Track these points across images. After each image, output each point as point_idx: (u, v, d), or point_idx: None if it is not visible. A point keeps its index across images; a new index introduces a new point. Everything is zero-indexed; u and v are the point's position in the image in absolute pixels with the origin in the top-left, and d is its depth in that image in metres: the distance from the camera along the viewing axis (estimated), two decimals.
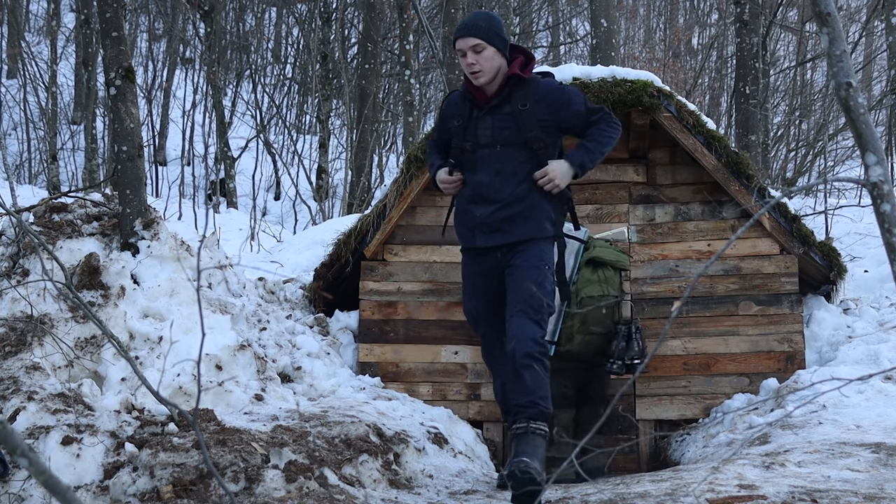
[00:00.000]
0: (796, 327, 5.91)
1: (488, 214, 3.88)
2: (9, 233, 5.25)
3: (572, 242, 5.33)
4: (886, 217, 1.89)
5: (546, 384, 3.69)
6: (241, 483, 3.62)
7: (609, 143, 3.97)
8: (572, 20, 23.97)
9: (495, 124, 3.92)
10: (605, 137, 3.95)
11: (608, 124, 3.96)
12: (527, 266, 3.83)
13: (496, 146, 3.91)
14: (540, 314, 3.76)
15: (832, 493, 3.33)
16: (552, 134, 3.96)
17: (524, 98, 3.90)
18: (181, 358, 4.50)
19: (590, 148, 3.94)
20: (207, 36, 16.09)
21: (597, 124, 3.94)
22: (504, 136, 3.91)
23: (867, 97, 17.74)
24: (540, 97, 3.91)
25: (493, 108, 3.95)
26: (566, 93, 3.99)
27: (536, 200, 3.89)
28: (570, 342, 5.31)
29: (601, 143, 3.95)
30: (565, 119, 3.96)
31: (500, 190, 3.88)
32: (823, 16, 1.95)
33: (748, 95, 11.62)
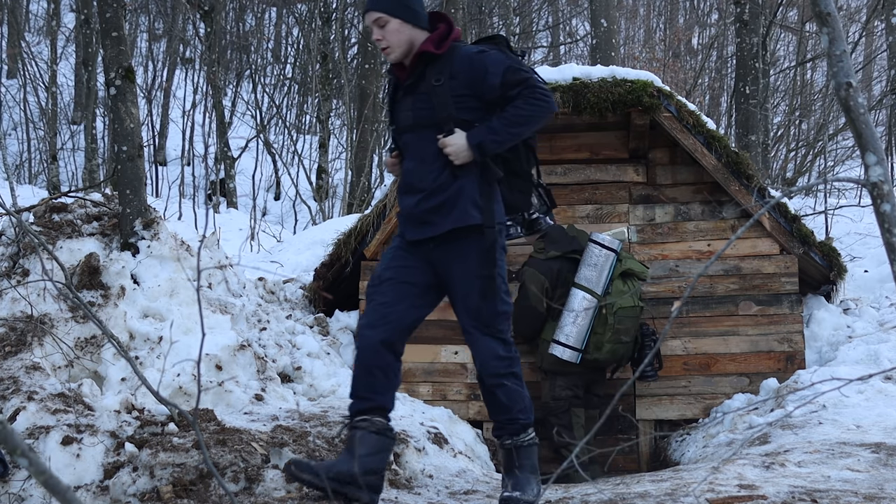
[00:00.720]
0: (796, 327, 5.91)
1: (414, 205, 3.48)
2: (9, 233, 5.25)
3: (607, 254, 5.36)
4: (886, 217, 1.90)
5: (521, 395, 3.48)
6: (241, 483, 3.62)
7: (524, 122, 3.37)
8: (572, 20, 23.97)
9: (414, 105, 3.50)
10: (518, 116, 3.35)
11: (527, 100, 3.35)
12: (469, 276, 3.41)
13: (415, 130, 3.50)
14: (493, 326, 3.43)
15: (832, 493, 3.33)
16: (476, 111, 3.42)
17: (439, 73, 3.43)
18: (181, 358, 4.50)
19: (494, 127, 3.36)
20: (207, 36, 16.09)
21: (514, 100, 3.36)
22: (422, 118, 3.47)
23: (867, 97, 17.74)
24: (455, 70, 3.41)
25: (409, 88, 3.51)
26: (483, 62, 3.41)
27: (460, 186, 3.41)
28: (599, 351, 5.35)
29: (511, 123, 3.35)
30: (484, 93, 3.42)
31: (423, 178, 3.46)
32: (823, 16, 1.95)
33: (748, 95, 11.62)
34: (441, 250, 3.46)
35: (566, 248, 5.47)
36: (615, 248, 5.40)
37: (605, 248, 5.38)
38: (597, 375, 5.58)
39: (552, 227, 5.57)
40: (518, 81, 3.37)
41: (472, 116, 3.42)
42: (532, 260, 5.56)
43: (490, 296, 3.40)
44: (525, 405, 3.50)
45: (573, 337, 5.32)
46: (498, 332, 3.46)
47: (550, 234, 5.54)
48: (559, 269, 5.45)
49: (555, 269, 5.45)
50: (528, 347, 5.88)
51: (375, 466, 3.35)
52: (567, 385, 5.45)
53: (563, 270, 5.45)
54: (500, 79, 3.37)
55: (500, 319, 3.46)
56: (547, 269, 5.45)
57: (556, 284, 5.44)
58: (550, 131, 6.15)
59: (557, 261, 5.46)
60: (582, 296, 5.34)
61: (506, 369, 3.46)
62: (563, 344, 5.33)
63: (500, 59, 3.42)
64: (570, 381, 5.45)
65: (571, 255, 5.46)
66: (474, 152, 3.36)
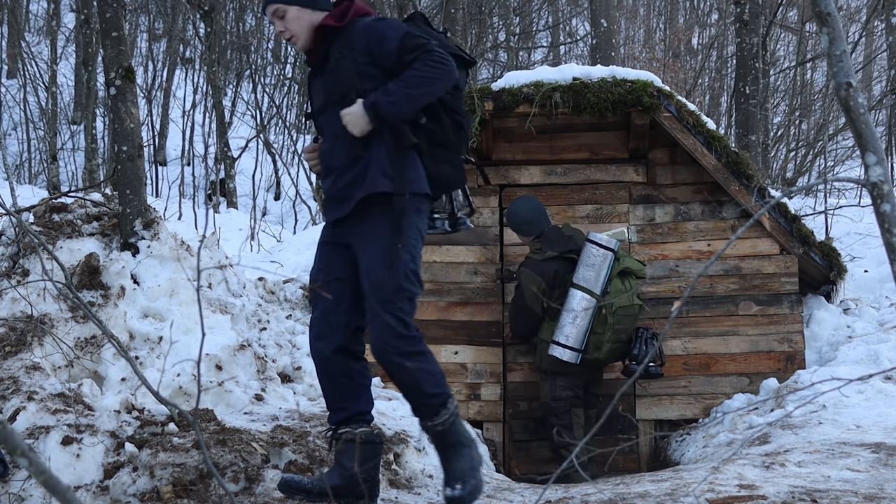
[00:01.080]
0: (796, 327, 5.92)
1: (331, 185, 3.39)
2: (9, 233, 5.25)
3: (604, 253, 5.35)
4: (886, 217, 1.90)
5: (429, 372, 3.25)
6: (241, 483, 3.62)
7: (420, 84, 3.22)
8: (572, 20, 23.97)
9: (324, 85, 3.42)
10: (413, 76, 3.21)
11: (424, 62, 3.21)
12: (373, 248, 3.26)
13: (327, 109, 3.40)
14: (394, 303, 3.20)
15: (832, 493, 3.33)
16: (378, 80, 3.28)
17: (342, 47, 3.35)
18: (181, 358, 4.50)
19: (389, 88, 3.22)
20: (207, 36, 16.09)
21: (411, 65, 3.23)
22: (331, 96, 3.39)
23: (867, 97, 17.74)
24: (355, 42, 3.33)
25: (318, 69, 3.46)
26: (381, 29, 3.32)
27: (370, 156, 3.29)
28: (599, 351, 5.34)
29: (406, 83, 3.20)
30: (383, 60, 3.30)
31: (336, 156, 3.37)
32: (823, 16, 1.95)
33: (748, 95, 11.62)
34: (355, 225, 3.32)
35: (563, 249, 5.46)
36: (613, 247, 5.39)
37: (603, 247, 5.37)
38: (595, 375, 5.58)
39: (549, 228, 5.58)
40: (415, 46, 3.25)
41: (376, 86, 3.27)
42: (529, 260, 5.55)
43: (393, 267, 3.20)
44: (435, 381, 3.27)
45: (573, 337, 5.32)
46: (398, 309, 3.21)
47: (547, 234, 5.54)
48: (556, 270, 5.44)
49: (552, 269, 5.44)
50: (527, 347, 5.89)
51: (367, 476, 3.33)
52: (567, 385, 5.45)
53: (560, 271, 5.44)
54: (398, 44, 3.26)
55: (401, 297, 3.22)
56: (543, 269, 5.44)
57: (554, 285, 5.43)
58: (550, 131, 6.16)
59: (554, 261, 5.45)
60: (581, 296, 5.34)
61: (409, 347, 3.22)
62: (563, 345, 5.33)
63: (398, 26, 3.34)
64: (569, 382, 5.46)
65: (568, 255, 5.45)
66: (369, 115, 3.21)
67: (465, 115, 3.50)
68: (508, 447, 5.99)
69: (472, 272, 6.11)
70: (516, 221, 5.65)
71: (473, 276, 6.11)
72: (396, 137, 3.27)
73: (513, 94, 5.87)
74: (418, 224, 3.30)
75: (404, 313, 3.22)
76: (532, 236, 5.60)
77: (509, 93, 5.87)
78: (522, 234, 5.67)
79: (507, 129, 6.18)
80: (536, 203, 5.67)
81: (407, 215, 3.24)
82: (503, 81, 6.01)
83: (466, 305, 6.08)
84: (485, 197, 6.18)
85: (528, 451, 5.99)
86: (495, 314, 6.06)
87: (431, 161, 3.38)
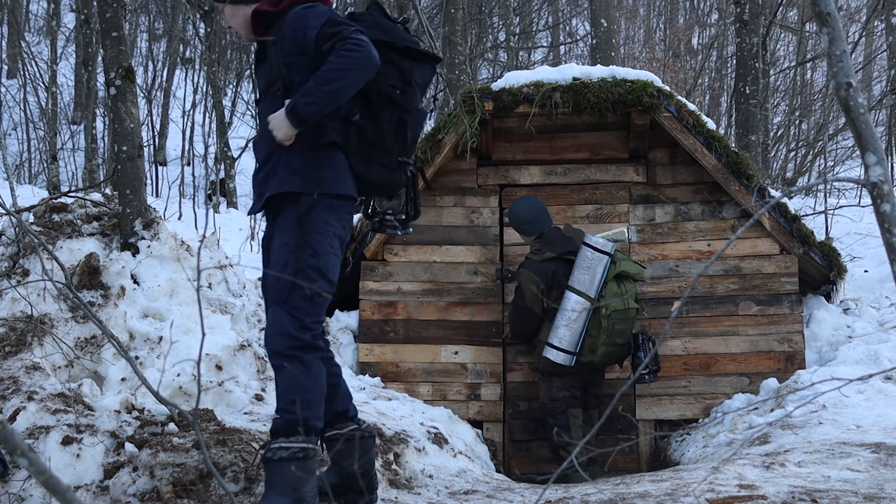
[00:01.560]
0: (796, 327, 5.92)
1: (255, 176, 3.29)
2: (9, 233, 5.25)
3: (599, 256, 5.35)
4: (886, 217, 1.90)
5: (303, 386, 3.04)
6: (241, 483, 3.62)
7: (336, 78, 3.03)
8: (572, 20, 23.97)
9: (261, 74, 3.34)
10: (328, 71, 3.02)
11: (338, 53, 3.03)
12: (277, 245, 3.16)
13: (263, 98, 3.32)
14: (288, 301, 3.07)
15: (832, 493, 3.33)
16: (306, 70, 3.14)
17: (276, 34, 3.24)
18: (181, 358, 4.50)
19: (308, 88, 3.05)
20: (207, 36, 16.09)
21: (328, 55, 3.06)
22: (264, 85, 3.31)
23: (867, 97, 17.74)
24: (285, 29, 3.19)
25: (259, 58, 3.38)
26: (306, 16, 3.17)
27: (283, 152, 3.16)
28: (594, 353, 5.34)
29: (322, 80, 3.03)
30: (306, 49, 3.15)
31: (260, 149, 3.26)
32: (823, 16, 1.95)
33: (748, 95, 11.62)
34: (272, 221, 3.23)
35: (562, 250, 5.45)
36: (608, 250, 5.37)
37: (598, 251, 5.35)
38: (594, 376, 5.58)
39: (550, 229, 5.58)
40: (332, 34, 3.07)
41: (303, 77, 3.13)
42: (528, 261, 5.55)
43: (289, 265, 3.07)
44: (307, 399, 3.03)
45: (566, 340, 5.31)
46: (293, 307, 3.07)
47: (547, 235, 5.53)
48: (554, 271, 5.44)
49: (550, 270, 5.44)
50: (527, 347, 5.89)
51: (363, 471, 3.30)
52: (564, 386, 5.45)
53: (558, 272, 5.44)
54: (316, 32, 3.10)
55: (296, 295, 3.07)
56: (542, 270, 5.44)
57: (552, 286, 5.43)
58: (550, 131, 6.16)
59: (553, 262, 5.45)
60: (575, 299, 5.33)
61: (288, 349, 3.05)
62: (557, 347, 5.32)
63: (321, 13, 3.17)
64: (566, 382, 5.46)
65: (567, 256, 5.45)
66: (290, 119, 3.07)
67: (416, 112, 3.35)
68: (508, 447, 5.99)
69: (472, 272, 6.11)
70: (517, 221, 5.65)
71: (473, 276, 6.11)
72: (316, 134, 3.13)
73: (513, 94, 5.87)
74: (331, 222, 3.15)
75: (301, 312, 3.08)
76: (533, 236, 5.60)
77: (509, 93, 5.87)
78: (523, 233, 5.67)
79: (507, 129, 6.18)
80: (538, 203, 5.67)
81: (315, 214, 3.10)
82: (503, 81, 6.01)
83: (466, 305, 6.08)
84: (485, 197, 6.18)
85: (528, 451, 5.99)
86: (495, 314, 6.06)
87: (365, 162, 3.22)
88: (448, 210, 6.18)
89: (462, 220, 6.17)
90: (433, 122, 8.56)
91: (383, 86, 3.21)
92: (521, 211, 5.63)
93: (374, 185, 3.27)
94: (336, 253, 3.18)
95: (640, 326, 5.77)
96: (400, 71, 3.27)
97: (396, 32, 3.29)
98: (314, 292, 3.05)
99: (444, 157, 5.98)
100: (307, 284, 3.03)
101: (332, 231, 3.15)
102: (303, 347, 3.06)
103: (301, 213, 3.09)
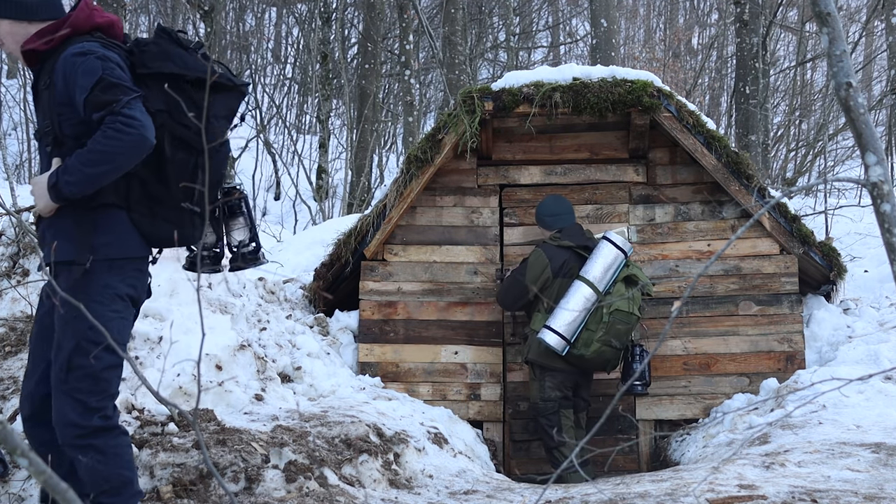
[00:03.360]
0: (796, 327, 5.91)
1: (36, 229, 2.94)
2: (9, 233, 5.26)
3: (617, 253, 5.39)
4: (886, 217, 1.89)
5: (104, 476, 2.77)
6: (241, 483, 3.62)
7: (99, 160, 2.71)
8: (572, 20, 23.96)
9: (38, 111, 2.96)
10: (92, 152, 2.71)
11: (105, 132, 2.70)
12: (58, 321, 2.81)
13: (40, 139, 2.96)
14: (67, 382, 2.74)
15: (832, 493, 3.33)
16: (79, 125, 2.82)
17: (47, 76, 2.86)
18: (181, 358, 4.49)
19: (69, 165, 2.75)
20: (207, 36, 16.09)
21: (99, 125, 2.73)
22: (40, 129, 2.95)
23: (867, 97, 17.74)
24: (56, 75, 2.82)
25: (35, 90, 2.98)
26: (75, 70, 2.78)
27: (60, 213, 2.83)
28: (587, 348, 5.33)
29: (84, 160, 2.72)
30: (76, 107, 2.80)
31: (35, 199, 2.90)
32: (823, 16, 1.95)
33: (748, 95, 11.62)
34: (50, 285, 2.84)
35: (579, 243, 5.54)
36: (626, 250, 5.44)
37: (617, 247, 5.41)
38: (584, 379, 5.57)
39: (572, 225, 5.65)
40: (103, 104, 2.72)
41: (76, 132, 2.81)
42: (544, 244, 5.59)
43: (62, 344, 2.76)
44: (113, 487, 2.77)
45: (564, 326, 5.31)
46: (73, 389, 2.74)
47: (568, 229, 5.62)
48: (566, 260, 5.49)
49: (562, 257, 5.49)
50: (523, 347, 5.89)
51: None
52: (555, 386, 5.45)
53: (569, 261, 5.48)
54: (86, 95, 2.75)
55: (75, 375, 2.74)
56: (554, 254, 5.49)
57: (559, 273, 5.46)
58: (550, 131, 6.16)
59: (567, 251, 5.51)
60: (583, 289, 5.36)
61: (79, 440, 2.74)
62: (554, 330, 5.32)
63: (92, 70, 2.77)
64: (557, 382, 5.45)
65: (581, 251, 5.50)
66: (51, 195, 2.77)
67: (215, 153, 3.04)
68: (508, 447, 5.99)
69: (472, 272, 6.11)
70: (542, 213, 5.74)
71: (473, 276, 6.11)
72: (90, 195, 2.80)
73: (513, 94, 5.87)
74: (111, 284, 2.84)
75: (83, 393, 2.75)
76: (554, 230, 5.65)
77: (509, 93, 5.87)
78: (545, 225, 5.72)
79: (507, 129, 6.18)
80: (566, 202, 5.80)
81: (92, 279, 2.80)
82: (503, 81, 6.01)
83: (466, 305, 6.08)
84: (485, 197, 6.19)
85: (528, 451, 5.99)
86: (495, 314, 6.06)
87: (144, 217, 2.90)
88: (448, 210, 6.18)
89: (462, 220, 6.17)
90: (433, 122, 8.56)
91: (176, 128, 2.89)
92: (549, 204, 5.76)
93: (162, 241, 2.97)
94: (122, 315, 2.88)
95: (639, 332, 5.77)
96: (195, 105, 2.89)
97: (188, 61, 2.94)
98: (97, 368, 2.74)
99: (444, 157, 5.98)
100: None
101: (114, 293, 2.85)
102: (93, 434, 2.77)
103: (75, 282, 2.78)
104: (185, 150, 2.91)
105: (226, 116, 3.07)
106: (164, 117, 2.86)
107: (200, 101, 2.89)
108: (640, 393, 5.62)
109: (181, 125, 2.89)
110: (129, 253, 2.88)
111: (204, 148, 2.66)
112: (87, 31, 2.90)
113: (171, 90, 2.77)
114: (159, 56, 2.92)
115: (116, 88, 2.75)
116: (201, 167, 2.91)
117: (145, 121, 2.74)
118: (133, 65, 2.91)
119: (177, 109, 2.86)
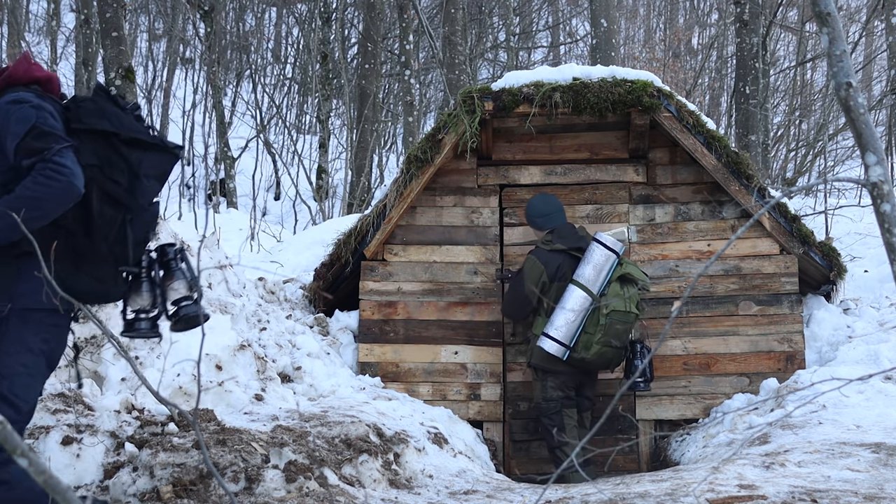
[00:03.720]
0: (796, 327, 5.91)
1: None
2: None
3: (608, 254, 5.37)
4: (886, 217, 1.90)
5: None
6: (241, 483, 3.62)
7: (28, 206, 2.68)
8: (572, 20, 23.97)
9: None
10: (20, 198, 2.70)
11: (34, 178, 2.71)
12: None
13: None
14: None
15: (832, 493, 3.33)
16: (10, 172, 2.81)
17: None
18: (181, 358, 4.50)
19: None
20: (207, 36, 16.09)
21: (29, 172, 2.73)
22: None
23: (867, 97, 17.74)
24: None
25: None
26: (7, 117, 2.80)
27: None
28: (587, 351, 5.33)
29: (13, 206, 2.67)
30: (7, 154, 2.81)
31: None
32: (823, 16, 1.95)
33: (748, 95, 11.62)
34: None
35: (572, 244, 5.51)
36: (617, 249, 5.40)
37: (607, 248, 5.38)
38: (586, 378, 5.57)
39: (563, 225, 5.62)
40: (35, 150, 2.72)
41: (5, 178, 2.80)
42: (537, 249, 5.58)
43: None
44: None
45: (562, 332, 5.32)
46: None
47: (559, 230, 5.58)
48: (560, 264, 5.47)
49: (556, 261, 5.47)
50: (527, 348, 5.89)
51: None
52: (557, 386, 5.45)
53: (563, 265, 5.47)
54: (17, 142, 2.75)
55: None
56: (548, 259, 5.48)
57: (555, 277, 5.46)
58: (550, 131, 6.16)
59: (560, 254, 5.49)
60: (577, 293, 5.34)
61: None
62: (552, 338, 5.32)
63: (26, 117, 2.78)
64: (559, 382, 5.45)
65: (575, 252, 5.48)
66: None
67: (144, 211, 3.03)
68: (508, 447, 5.99)
69: (472, 272, 6.11)
70: (532, 214, 5.71)
71: (473, 276, 6.11)
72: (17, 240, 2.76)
73: (513, 94, 5.87)
74: (24, 339, 2.82)
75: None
76: (545, 230, 5.63)
77: (509, 93, 5.87)
78: (536, 227, 5.70)
79: (507, 129, 6.18)
80: (554, 200, 5.76)
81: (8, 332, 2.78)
82: (503, 81, 6.01)
83: (466, 305, 6.08)
84: (485, 197, 6.19)
85: (528, 451, 5.99)
86: (495, 314, 6.06)
87: (67, 270, 2.84)
88: (448, 210, 6.18)
89: (462, 220, 6.17)
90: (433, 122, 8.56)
91: (107, 184, 2.88)
92: (537, 205, 5.71)
93: (82, 296, 2.88)
94: (30, 372, 2.83)
95: (640, 330, 5.77)
96: (127, 163, 2.92)
97: (123, 120, 2.95)
98: None
99: (444, 157, 5.98)
100: None
101: (26, 347, 2.82)
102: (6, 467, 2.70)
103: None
104: (114, 206, 2.90)
105: (157, 177, 3.07)
106: (95, 171, 2.86)
107: (132, 160, 2.93)
108: (643, 390, 5.61)
109: (111, 181, 2.89)
110: (43, 304, 2.81)
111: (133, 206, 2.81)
112: (24, 83, 2.92)
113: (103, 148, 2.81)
114: (95, 113, 2.93)
115: (49, 136, 2.76)
116: (129, 224, 2.93)
117: (75, 169, 2.75)
118: (68, 119, 2.92)
119: (108, 165, 2.88)
